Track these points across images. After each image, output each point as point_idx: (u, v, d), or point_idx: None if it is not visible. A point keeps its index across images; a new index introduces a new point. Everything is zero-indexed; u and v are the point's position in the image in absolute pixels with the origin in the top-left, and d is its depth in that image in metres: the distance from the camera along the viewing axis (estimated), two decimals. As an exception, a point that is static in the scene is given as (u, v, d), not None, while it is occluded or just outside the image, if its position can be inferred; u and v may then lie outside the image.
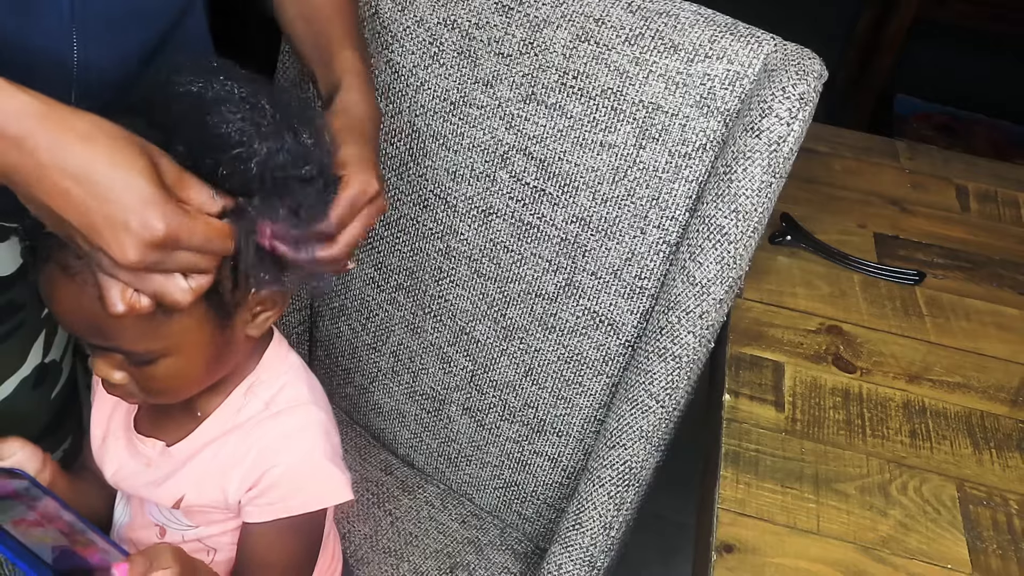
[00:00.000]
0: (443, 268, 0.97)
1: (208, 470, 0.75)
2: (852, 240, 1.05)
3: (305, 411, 0.76)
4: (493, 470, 1.03)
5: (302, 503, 0.75)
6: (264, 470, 0.73)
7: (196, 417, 0.76)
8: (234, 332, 0.70)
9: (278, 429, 0.75)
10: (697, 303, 0.80)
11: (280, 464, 0.73)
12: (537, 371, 0.95)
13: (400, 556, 1.01)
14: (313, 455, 0.75)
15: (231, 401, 0.76)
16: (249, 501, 0.75)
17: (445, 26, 0.89)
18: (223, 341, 0.70)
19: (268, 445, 0.74)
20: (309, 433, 0.76)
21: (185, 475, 0.76)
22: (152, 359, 0.67)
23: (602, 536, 0.89)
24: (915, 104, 2.30)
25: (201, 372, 0.70)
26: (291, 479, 0.74)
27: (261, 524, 0.75)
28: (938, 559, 0.73)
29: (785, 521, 0.75)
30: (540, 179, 0.88)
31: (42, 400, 0.93)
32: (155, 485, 0.77)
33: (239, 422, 0.75)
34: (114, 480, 0.81)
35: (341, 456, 0.78)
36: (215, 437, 0.75)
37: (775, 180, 0.77)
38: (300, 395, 0.77)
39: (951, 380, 0.89)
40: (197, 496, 0.76)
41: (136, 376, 0.69)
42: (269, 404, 0.76)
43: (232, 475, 0.74)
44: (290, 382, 0.77)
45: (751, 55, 0.78)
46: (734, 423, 0.83)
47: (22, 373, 0.89)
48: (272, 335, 0.79)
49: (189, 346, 0.67)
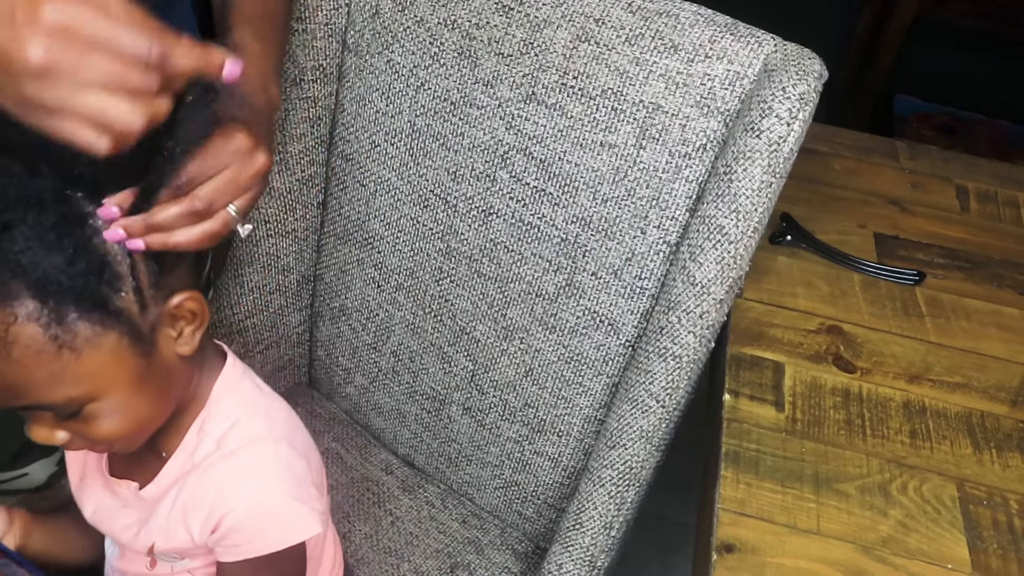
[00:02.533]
0: (443, 268, 0.97)
1: (172, 514, 0.72)
2: (852, 240, 1.05)
3: (260, 448, 0.72)
4: (493, 470, 1.03)
5: (267, 544, 0.71)
6: (222, 514, 0.70)
7: (161, 457, 0.73)
8: (161, 356, 0.66)
9: (232, 471, 0.71)
10: (697, 303, 0.80)
11: (237, 508, 0.70)
12: (537, 371, 0.95)
13: (400, 556, 1.01)
14: (270, 495, 0.71)
15: (187, 440, 0.72)
16: (215, 543, 0.72)
17: (445, 26, 0.89)
18: (152, 369, 0.65)
19: (223, 489, 0.70)
20: (264, 473, 0.72)
21: (153, 522, 0.73)
22: (79, 408, 0.62)
23: (602, 536, 0.89)
24: (915, 104, 2.30)
25: (141, 409, 0.66)
26: (251, 523, 0.71)
27: (233, 563, 0.72)
28: (938, 559, 0.73)
29: (785, 521, 0.75)
30: (540, 179, 0.88)
31: None
32: (130, 532, 0.75)
33: (196, 462, 0.72)
34: (93, 521, 0.78)
35: (316, 483, 0.74)
36: (176, 478, 0.72)
37: (775, 180, 0.77)
38: (253, 431, 0.73)
39: (951, 380, 0.89)
40: (167, 542, 0.73)
41: (76, 430, 0.64)
42: (220, 443, 0.71)
43: (193, 518, 0.71)
44: (242, 417, 0.73)
45: (751, 55, 0.78)
46: (734, 423, 0.83)
47: None
48: (224, 359, 0.75)
49: (114, 384, 0.63)
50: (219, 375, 0.73)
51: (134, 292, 0.61)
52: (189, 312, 0.66)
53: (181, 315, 0.66)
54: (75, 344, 0.59)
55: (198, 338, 0.68)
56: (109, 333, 0.60)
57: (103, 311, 0.60)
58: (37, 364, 0.59)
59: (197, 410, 0.72)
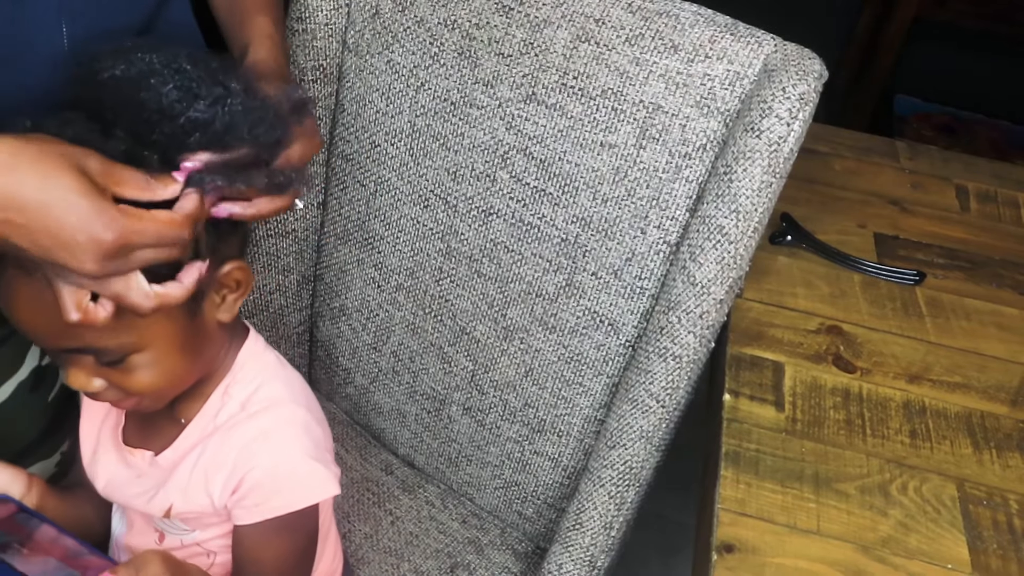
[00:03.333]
0: (443, 268, 0.97)
1: (192, 476, 0.74)
2: (852, 240, 1.05)
3: (280, 410, 0.75)
4: (493, 470, 1.03)
5: (286, 503, 0.74)
6: (244, 473, 0.72)
7: (179, 424, 0.75)
8: (204, 319, 0.69)
9: (254, 430, 0.74)
10: (697, 303, 0.80)
11: (259, 466, 0.73)
12: (537, 371, 0.95)
13: (400, 556, 1.01)
14: (292, 454, 0.74)
15: (210, 404, 0.75)
16: (235, 504, 0.74)
17: (445, 26, 0.89)
18: (194, 330, 0.69)
19: (246, 447, 0.73)
20: (286, 432, 0.75)
21: (172, 484, 0.75)
22: (123, 356, 0.66)
23: (602, 536, 0.89)
24: (915, 104, 2.30)
25: (179, 365, 0.69)
26: (272, 480, 0.73)
27: (250, 526, 0.74)
28: (938, 559, 0.73)
29: (785, 521, 0.75)
30: (540, 179, 0.88)
31: (39, 403, 0.93)
32: (145, 496, 0.76)
33: (218, 424, 0.74)
34: (106, 492, 0.80)
35: (329, 449, 0.77)
36: (196, 442, 0.75)
37: (775, 180, 0.77)
38: (275, 394, 0.76)
39: (951, 380, 0.89)
40: (185, 504, 0.75)
41: (113, 379, 0.67)
42: (245, 405, 0.75)
43: (215, 480, 0.73)
44: (265, 381, 0.76)
45: (751, 55, 0.78)
46: (734, 423, 0.83)
47: (19, 376, 0.89)
48: (247, 333, 0.78)
49: (160, 338, 0.66)
50: (243, 345, 0.77)
51: (193, 254, 0.64)
52: (235, 281, 0.70)
53: (227, 283, 0.69)
54: None
55: (238, 306, 0.71)
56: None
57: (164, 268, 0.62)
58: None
59: (220, 377, 0.75)
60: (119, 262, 0.57)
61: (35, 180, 0.54)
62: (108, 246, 0.55)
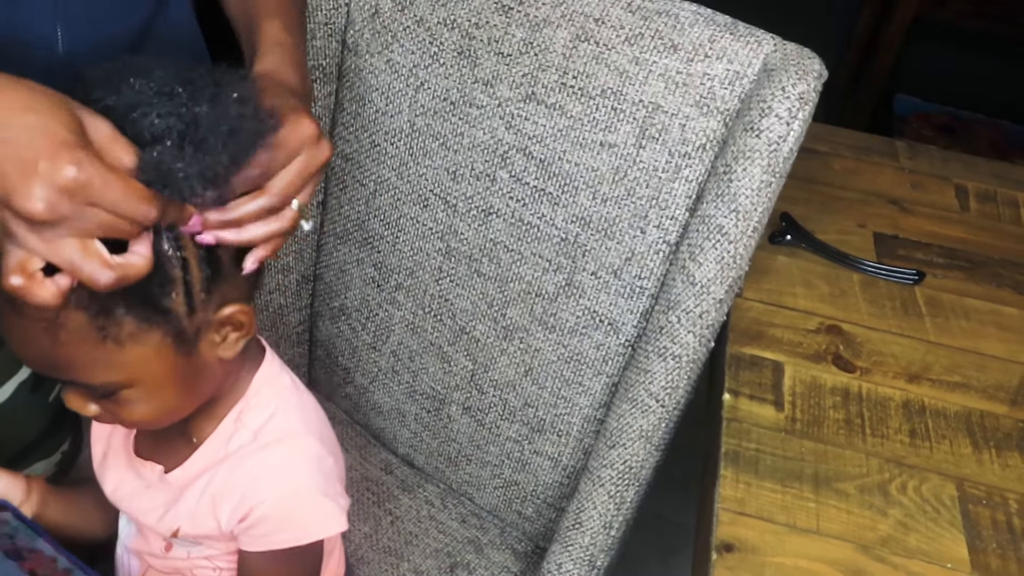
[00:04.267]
0: (443, 268, 0.97)
1: (200, 502, 0.73)
2: (852, 240, 1.05)
3: (293, 444, 0.74)
4: (493, 469, 1.03)
5: (293, 536, 0.73)
6: (253, 504, 0.72)
7: (191, 443, 0.74)
8: (201, 357, 0.67)
9: (266, 463, 0.73)
10: (697, 303, 0.80)
11: (268, 499, 0.72)
12: (537, 370, 0.95)
13: (400, 555, 1.01)
14: (302, 489, 0.73)
15: (223, 428, 0.74)
16: (241, 532, 0.73)
17: (445, 26, 0.89)
18: (190, 368, 0.66)
19: (256, 479, 0.72)
20: (297, 467, 0.73)
21: (181, 507, 0.74)
22: (113, 391, 0.64)
23: (602, 535, 0.89)
24: (915, 104, 2.30)
25: (172, 401, 0.67)
26: (280, 514, 0.72)
27: (256, 553, 0.74)
28: (937, 558, 0.73)
29: (785, 520, 0.75)
30: (540, 179, 0.88)
31: (40, 403, 0.93)
32: (154, 514, 0.76)
33: (229, 452, 0.73)
34: (114, 498, 0.79)
35: (341, 479, 0.76)
36: (208, 466, 0.74)
37: (775, 180, 0.77)
38: (289, 425, 0.74)
39: (951, 380, 0.89)
40: (192, 527, 0.75)
41: (107, 408, 0.66)
42: (258, 435, 0.73)
43: (223, 507, 0.73)
44: (280, 409, 0.74)
45: (751, 55, 0.78)
46: (734, 422, 0.83)
47: (20, 377, 0.89)
48: (264, 353, 0.76)
49: (150, 376, 0.64)
50: (259, 368, 0.75)
51: (184, 295, 0.62)
52: (237, 322, 0.67)
53: (229, 323, 0.67)
54: (119, 336, 0.61)
55: (241, 345, 0.69)
56: (154, 330, 0.62)
57: (150, 309, 0.61)
58: (81, 349, 0.60)
59: (234, 400, 0.74)
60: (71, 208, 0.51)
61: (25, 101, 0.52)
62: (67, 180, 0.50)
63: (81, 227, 0.53)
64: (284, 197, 0.62)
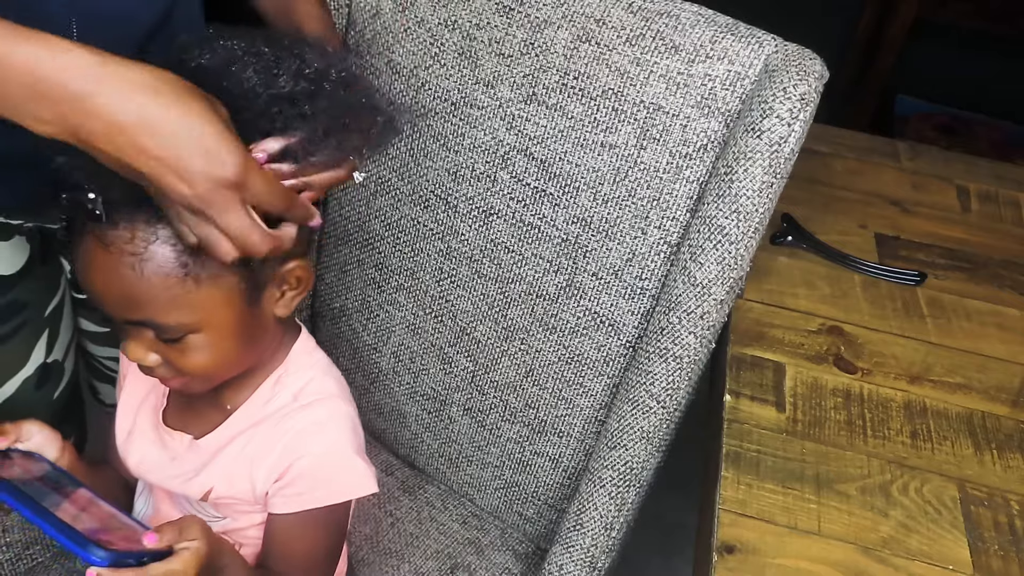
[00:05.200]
0: (444, 269, 0.97)
1: (237, 462, 0.76)
2: (853, 240, 1.05)
3: (333, 404, 0.78)
4: (494, 471, 1.03)
5: (328, 494, 0.76)
6: (291, 461, 0.74)
7: (225, 410, 0.77)
8: (262, 311, 0.71)
9: (306, 420, 0.76)
10: (698, 304, 0.80)
11: (307, 455, 0.74)
12: (538, 372, 0.95)
13: (401, 557, 1.01)
14: (340, 447, 0.76)
15: (260, 393, 0.77)
16: (276, 492, 0.75)
17: (446, 27, 0.89)
18: (252, 319, 0.70)
19: (296, 436, 0.75)
20: (336, 425, 0.77)
21: (214, 468, 0.76)
22: (182, 335, 0.67)
23: (603, 537, 0.89)
24: (915, 104, 2.30)
25: (232, 351, 0.71)
26: (318, 470, 0.75)
27: (286, 516, 0.76)
28: (939, 560, 0.73)
29: (786, 522, 0.75)
30: (541, 180, 0.88)
31: (44, 400, 0.93)
32: (183, 478, 0.78)
33: (268, 413, 0.76)
34: (139, 471, 0.81)
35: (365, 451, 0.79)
36: (243, 429, 0.76)
37: (776, 180, 0.77)
38: (328, 388, 0.78)
39: (952, 381, 0.89)
40: (226, 488, 0.77)
41: (169, 356, 0.69)
42: (297, 396, 0.77)
43: (260, 466, 0.75)
44: (317, 376, 0.79)
45: (752, 56, 0.78)
46: (735, 424, 0.83)
47: (24, 373, 0.89)
48: (300, 331, 0.80)
49: (219, 321, 0.68)
50: (296, 341, 0.79)
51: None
52: (295, 278, 0.72)
53: (288, 279, 0.72)
54: (199, 276, 0.65)
55: (296, 303, 0.73)
56: (229, 275, 0.66)
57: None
58: (163, 285, 0.64)
59: (272, 368, 0.77)
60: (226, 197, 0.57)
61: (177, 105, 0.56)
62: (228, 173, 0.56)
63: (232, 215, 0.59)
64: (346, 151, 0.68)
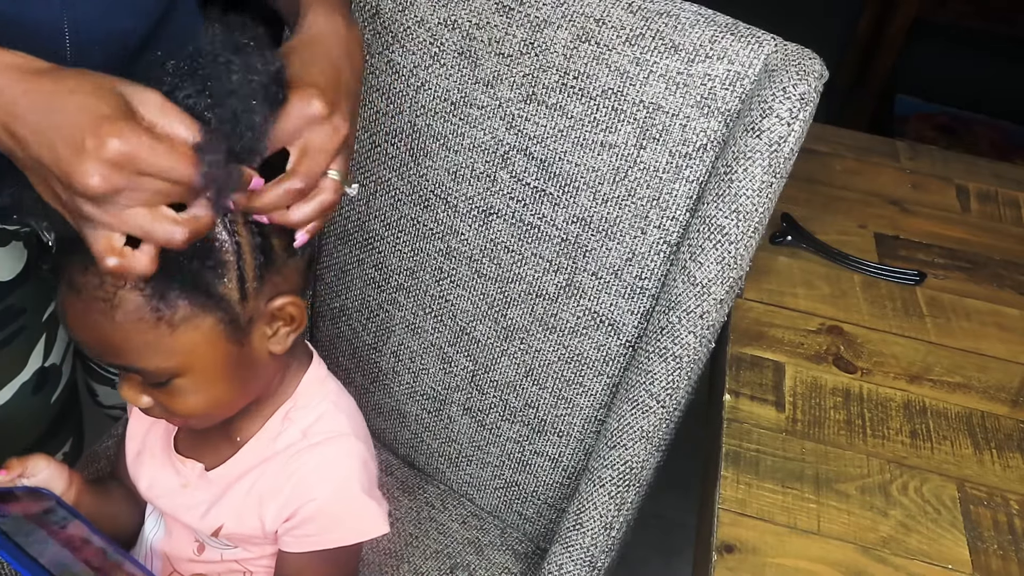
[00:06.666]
0: (444, 268, 0.97)
1: (246, 500, 0.74)
2: (852, 240, 1.05)
3: (342, 442, 0.75)
4: (494, 470, 1.03)
5: (338, 537, 0.74)
6: (300, 503, 0.72)
7: (235, 442, 0.75)
8: (253, 349, 0.68)
9: (315, 461, 0.73)
10: (698, 303, 0.80)
11: (317, 498, 0.72)
12: (538, 371, 0.95)
13: (400, 557, 1.01)
14: (350, 489, 0.74)
15: (269, 427, 0.74)
16: (286, 532, 0.74)
17: (446, 26, 0.89)
18: (242, 358, 0.67)
19: (305, 477, 0.72)
20: (346, 466, 0.74)
21: (224, 504, 0.74)
22: (167, 379, 0.65)
23: (603, 536, 0.89)
24: (915, 104, 2.30)
25: (224, 392, 0.68)
26: (327, 514, 0.73)
27: (297, 554, 0.74)
28: (939, 559, 0.73)
29: (786, 521, 0.75)
30: (541, 179, 0.88)
31: (42, 405, 0.93)
32: (195, 512, 0.76)
33: (277, 450, 0.74)
34: (149, 496, 0.79)
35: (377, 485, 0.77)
36: (253, 465, 0.74)
37: (776, 180, 0.77)
38: (338, 425, 0.75)
39: (952, 380, 0.89)
40: (236, 525, 0.75)
41: (160, 400, 0.67)
42: (307, 433, 0.74)
43: (269, 505, 0.73)
44: (328, 411, 0.76)
45: (752, 55, 0.78)
46: (735, 423, 0.83)
47: (22, 378, 0.89)
48: (311, 358, 0.77)
49: (203, 364, 0.65)
50: (306, 371, 0.76)
51: (237, 281, 0.63)
52: (288, 315, 0.68)
53: (280, 316, 0.68)
54: (173, 320, 0.62)
55: (291, 340, 0.70)
56: (206, 316, 0.63)
57: (204, 294, 0.62)
58: (136, 330, 0.61)
59: (281, 400, 0.74)
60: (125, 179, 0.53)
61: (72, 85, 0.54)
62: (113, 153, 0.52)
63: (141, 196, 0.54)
64: (309, 175, 0.62)
